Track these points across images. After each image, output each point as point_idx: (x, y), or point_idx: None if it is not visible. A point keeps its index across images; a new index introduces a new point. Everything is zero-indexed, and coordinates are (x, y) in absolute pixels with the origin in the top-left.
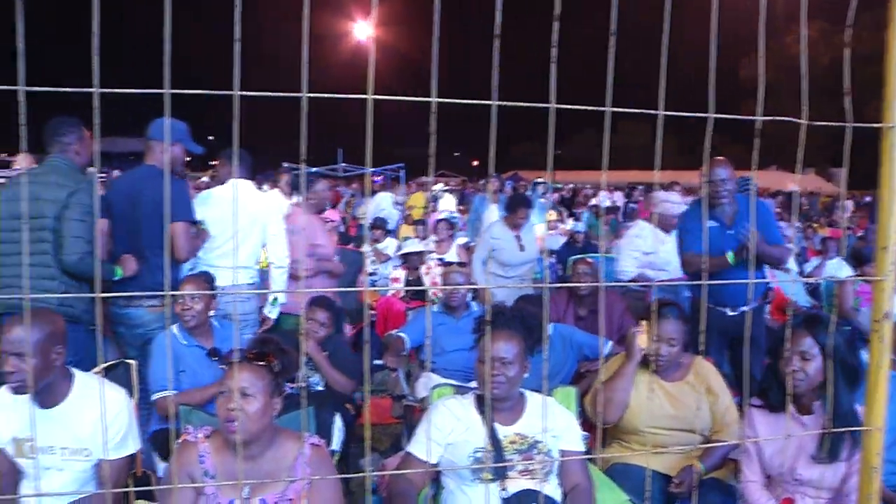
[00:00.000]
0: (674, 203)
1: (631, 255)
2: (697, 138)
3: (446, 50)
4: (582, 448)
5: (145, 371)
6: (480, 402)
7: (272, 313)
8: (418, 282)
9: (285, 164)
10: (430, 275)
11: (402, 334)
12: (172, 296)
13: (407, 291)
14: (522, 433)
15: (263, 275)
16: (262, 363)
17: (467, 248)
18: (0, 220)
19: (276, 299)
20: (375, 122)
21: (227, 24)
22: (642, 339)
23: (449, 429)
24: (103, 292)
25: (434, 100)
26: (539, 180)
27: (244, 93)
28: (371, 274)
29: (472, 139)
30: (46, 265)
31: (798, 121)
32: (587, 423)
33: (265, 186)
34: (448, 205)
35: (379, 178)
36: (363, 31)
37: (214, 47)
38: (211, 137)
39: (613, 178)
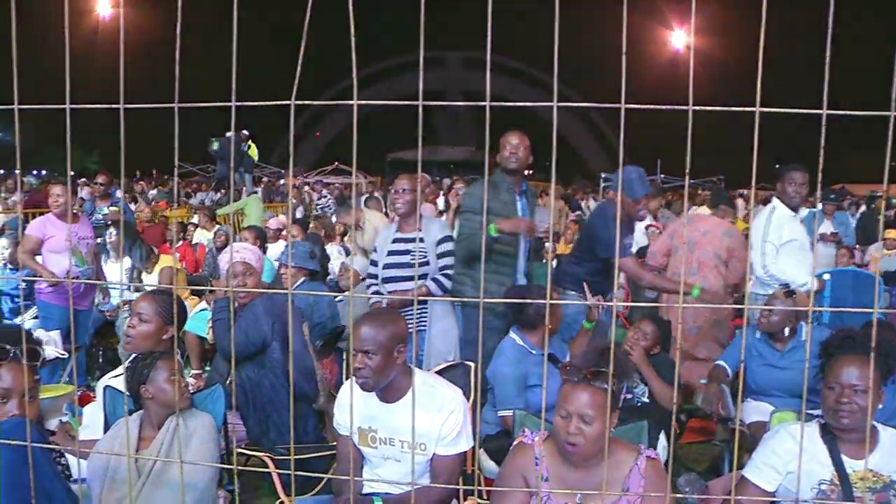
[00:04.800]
0: None
1: None
2: None
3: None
4: None
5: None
6: (825, 430)
7: None
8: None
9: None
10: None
11: (720, 362)
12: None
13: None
14: (876, 470)
15: None
16: (599, 383)
17: None
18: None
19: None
20: (692, 132)
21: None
22: None
23: (790, 457)
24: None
25: (758, 109)
26: (876, 193)
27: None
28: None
29: (796, 150)
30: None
31: None
32: None
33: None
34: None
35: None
36: (680, 39)
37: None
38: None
39: None
